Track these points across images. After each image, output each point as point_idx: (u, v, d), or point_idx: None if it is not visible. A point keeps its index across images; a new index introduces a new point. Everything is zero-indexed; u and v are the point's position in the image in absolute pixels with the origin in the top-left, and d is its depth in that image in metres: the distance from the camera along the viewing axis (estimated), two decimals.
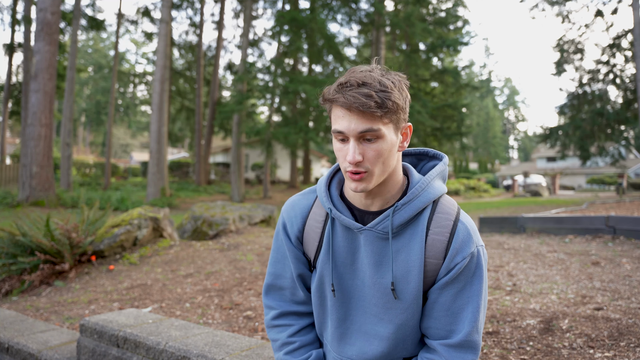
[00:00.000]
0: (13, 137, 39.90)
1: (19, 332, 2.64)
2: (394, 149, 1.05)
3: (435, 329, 1.12)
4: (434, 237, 1.09)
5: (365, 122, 0.99)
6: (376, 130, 0.99)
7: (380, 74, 1.02)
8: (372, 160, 1.02)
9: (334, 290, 1.17)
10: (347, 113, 1.00)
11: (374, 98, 0.97)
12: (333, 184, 1.20)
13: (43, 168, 14.16)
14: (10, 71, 21.08)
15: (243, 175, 21.70)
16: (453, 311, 1.10)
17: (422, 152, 1.27)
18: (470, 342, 1.08)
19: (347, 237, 1.15)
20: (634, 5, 14.89)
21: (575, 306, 2.90)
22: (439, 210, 1.12)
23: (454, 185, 26.03)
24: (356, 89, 0.98)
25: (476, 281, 1.09)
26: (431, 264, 1.09)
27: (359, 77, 1.00)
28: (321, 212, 1.20)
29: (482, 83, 65.02)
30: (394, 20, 19.98)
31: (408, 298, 1.11)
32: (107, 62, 51.27)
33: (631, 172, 37.56)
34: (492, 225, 7.50)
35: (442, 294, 1.10)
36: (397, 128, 1.05)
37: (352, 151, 1.01)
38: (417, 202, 1.09)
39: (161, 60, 17.25)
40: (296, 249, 1.24)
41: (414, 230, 1.10)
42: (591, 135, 19.58)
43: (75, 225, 4.75)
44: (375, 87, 0.99)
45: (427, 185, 1.11)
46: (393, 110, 1.00)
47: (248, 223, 6.90)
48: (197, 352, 1.86)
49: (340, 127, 1.01)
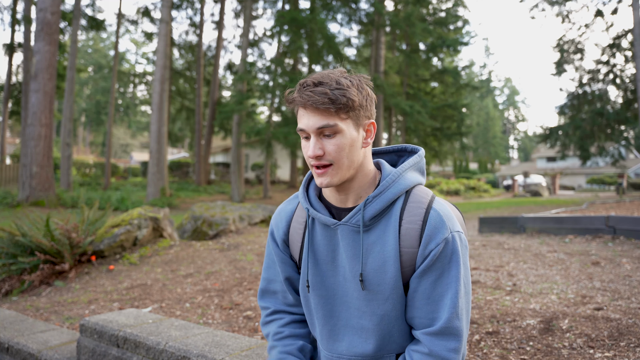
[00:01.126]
0: (13, 137, 39.91)
1: (19, 332, 2.64)
2: (356, 144, 1.09)
3: (418, 318, 1.13)
4: (407, 227, 1.11)
5: (321, 118, 1.04)
6: (332, 125, 1.04)
7: (340, 74, 1.07)
8: (332, 154, 1.06)
9: (309, 287, 1.21)
10: (305, 111, 1.06)
11: (327, 95, 1.02)
12: (311, 186, 1.25)
13: (43, 168, 14.16)
14: (10, 71, 21.08)
15: (243, 175, 21.70)
16: (433, 299, 1.10)
17: (401, 149, 1.30)
18: (451, 329, 1.08)
19: (326, 235, 1.18)
20: (634, 5, 14.89)
21: (575, 306, 2.90)
22: (412, 200, 1.14)
23: (454, 185, 26.04)
24: (312, 88, 1.04)
25: (453, 267, 1.09)
26: (407, 253, 1.11)
27: (316, 77, 1.06)
28: (303, 214, 1.25)
29: (482, 83, 65.00)
30: (394, 20, 19.98)
31: (386, 288, 1.12)
32: (107, 62, 51.26)
33: (631, 172, 37.56)
34: (492, 225, 7.50)
35: (421, 282, 1.11)
36: (357, 124, 1.09)
37: (312, 146, 1.06)
38: (388, 193, 1.12)
39: (161, 60, 17.25)
40: (282, 252, 1.28)
41: (387, 222, 1.12)
42: (591, 135, 19.58)
43: (75, 225, 4.75)
44: (331, 85, 1.04)
45: (398, 177, 1.14)
46: (349, 107, 1.05)
47: (248, 223, 6.90)
48: (197, 352, 1.86)
49: (301, 124, 1.08)
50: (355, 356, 1.19)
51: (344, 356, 1.20)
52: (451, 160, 43.27)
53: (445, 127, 23.17)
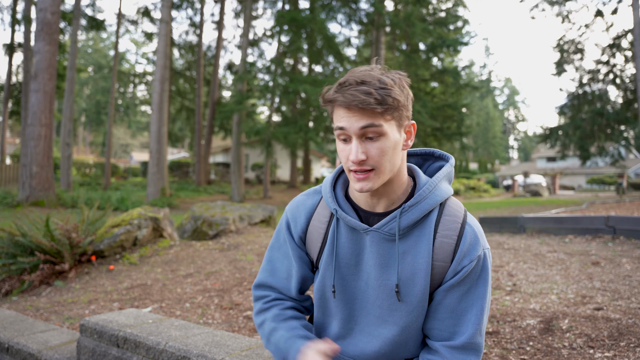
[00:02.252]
0: (13, 137, 39.90)
1: (19, 332, 2.64)
2: (398, 147, 1.05)
3: (438, 330, 1.12)
4: (442, 240, 1.09)
5: (366, 118, 0.98)
6: (378, 126, 0.99)
7: (380, 73, 1.02)
8: (376, 158, 1.01)
9: (335, 292, 1.17)
10: (348, 112, 1.00)
11: (373, 95, 0.97)
12: (338, 185, 1.20)
13: (43, 168, 14.16)
14: (10, 71, 21.09)
15: (243, 175, 21.69)
16: (457, 313, 1.09)
17: (428, 153, 1.26)
18: (474, 344, 1.08)
19: (352, 238, 1.15)
20: (634, 5, 14.89)
21: (575, 306, 2.90)
22: (447, 213, 1.11)
23: (454, 186, 26.03)
24: (355, 87, 0.98)
25: (481, 283, 1.09)
26: (438, 266, 1.09)
27: (358, 76, 1.00)
28: (325, 213, 1.20)
29: (482, 83, 65.00)
30: (394, 20, 19.98)
31: (414, 300, 1.10)
32: (107, 62, 51.26)
33: (631, 172, 37.56)
34: (492, 225, 7.50)
35: (448, 295, 1.10)
36: (400, 125, 1.04)
37: (355, 150, 1.00)
38: (425, 204, 1.08)
39: (161, 60, 17.25)
40: (299, 248, 1.22)
41: (421, 233, 1.10)
42: (591, 135, 19.58)
43: (75, 225, 4.75)
44: (375, 84, 0.98)
45: (434, 187, 1.10)
46: (394, 107, 1.00)
47: (248, 223, 6.90)
48: (197, 352, 1.86)
49: (341, 123, 1.01)
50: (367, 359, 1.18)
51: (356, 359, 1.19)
52: None
53: (445, 127, 23.17)
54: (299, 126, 18.73)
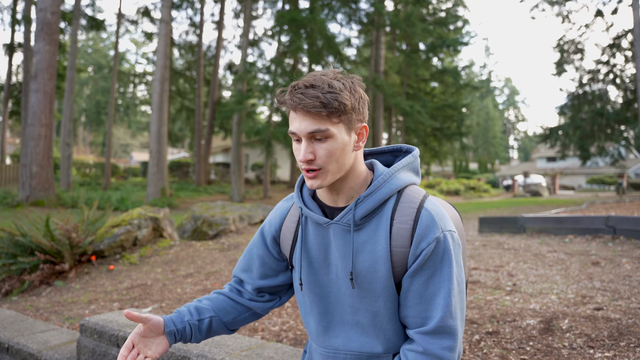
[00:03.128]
0: (13, 137, 39.91)
1: (19, 332, 2.64)
2: (347, 148, 1.09)
3: (411, 317, 1.13)
4: (398, 226, 1.12)
5: (313, 122, 1.04)
6: (324, 130, 1.04)
7: (333, 77, 1.07)
8: (323, 158, 1.06)
9: (302, 285, 1.23)
10: (296, 114, 1.06)
11: (320, 99, 1.02)
12: (305, 186, 1.25)
13: (43, 168, 14.16)
14: (10, 71, 21.09)
15: (243, 175, 21.70)
16: (426, 298, 1.11)
17: (397, 149, 1.30)
18: (445, 327, 1.09)
19: (319, 233, 1.20)
20: (634, 5, 14.89)
21: (575, 306, 2.90)
22: (403, 200, 1.15)
23: (454, 186, 26.04)
24: (303, 90, 1.03)
25: (445, 266, 1.10)
26: (398, 252, 1.12)
27: (307, 79, 1.05)
28: (296, 214, 1.27)
29: (482, 83, 64.99)
30: (394, 20, 19.99)
31: (378, 287, 1.13)
32: (107, 62, 51.26)
33: (631, 172, 37.56)
34: (492, 225, 7.50)
35: (413, 281, 1.12)
36: (349, 128, 1.09)
37: (303, 150, 1.06)
38: (379, 193, 1.13)
39: (161, 60, 17.25)
40: (267, 249, 1.31)
41: (379, 221, 1.13)
42: (591, 135, 19.58)
43: (75, 225, 4.75)
44: (324, 88, 1.03)
45: (390, 177, 1.15)
46: (341, 111, 1.04)
47: (248, 223, 6.90)
48: (197, 352, 1.86)
49: (292, 128, 1.08)
50: (352, 351, 1.19)
51: (340, 352, 1.21)
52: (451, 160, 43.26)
53: (445, 127, 23.18)
54: None
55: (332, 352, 1.22)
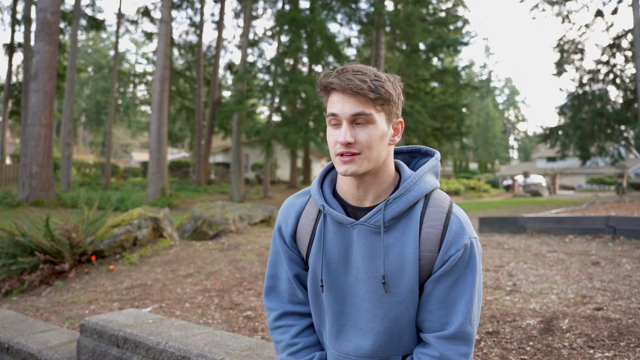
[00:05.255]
0: (13, 137, 39.90)
1: (19, 332, 2.64)
2: (385, 139, 1.09)
3: (429, 321, 1.13)
4: (428, 230, 1.11)
5: (358, 104, 1.04)
6: (368, 114, 1.04)
7: (376, 69, 1.09)
8: (363, 143, 1.05)
9: (322, 286, 1.19)
10: (341, 97, 1.05)
11: (367, 83, 1.03)
12: (326, 182, 1.23)
13: (43, 168, 14.16)
14: (10, 71, 21.08)
15: (243, 175, 21.70)
16: (447, 303, 1.10)
17: (415, 150, 1.29)
18: (463, 334, 1.09)
19: (339, 233, 1.17)
20: (634, 5, 14.89)
21: (575, 306, 2.90)
22: (432, 204, 1.14)
23: (454, 185, 26.02)
24: (352, 74, 1.04)
25: (469, 273, 1.10)
26: (426, 257, 1.11)
27: (355, 66, 1.07)
28: (313, 211, 1.23)
29: (482, 83, 65.00)
30: (394, 20, 19.98)
31: (402, 291, 1.12)
32: (107, 62, 51.25)
33: (631, 172, 37.56)
34: (492, 225, 7.50)
35: (437, 286, 1.11)
36: (389, 119, 1.09)
37: (344, 132, 1.05)
38: (409, 195, 1.11)
39: (161, 60, 17.25)
40: (290, 249, 1.25)
41: (407, 224, 1.12)
42: (591, 135, 19.58)
43: (75, 225, 4.75)
44: (370, 75, 1.05)
45: (418, 180, 1.14)
46: (385, 99, 1.06)
47: (248, 223, 6.90)
48: (197, 352, 1.86)
49: (334, 109, 1.06)
50: (362, 357, 1.18)
51: (351, 356, 1.19)
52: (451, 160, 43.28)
53: (445, 127, 23.16)
54: (299, 126, 18.73)
55: (342, 355, 1.20)
